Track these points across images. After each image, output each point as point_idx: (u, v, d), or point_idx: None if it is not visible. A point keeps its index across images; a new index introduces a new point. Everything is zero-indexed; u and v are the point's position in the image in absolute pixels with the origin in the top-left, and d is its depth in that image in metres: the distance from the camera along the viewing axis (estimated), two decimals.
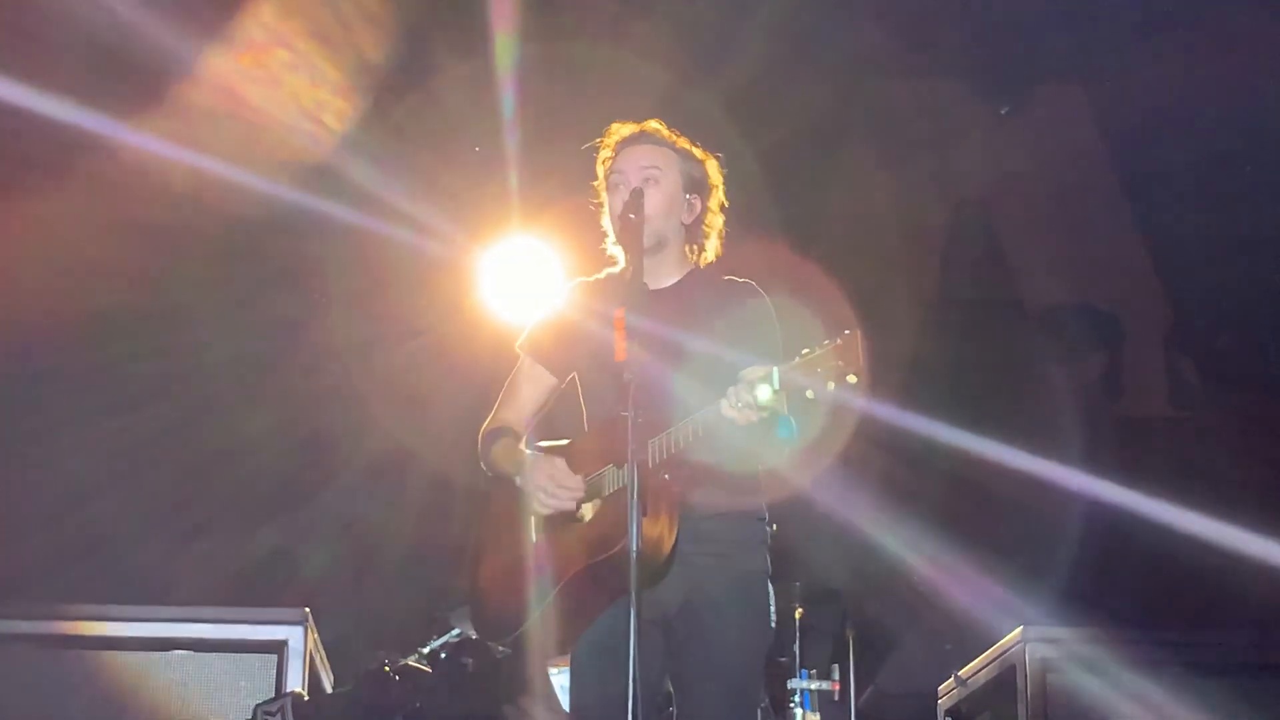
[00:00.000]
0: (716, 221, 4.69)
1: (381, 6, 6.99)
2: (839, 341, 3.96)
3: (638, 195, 4.44)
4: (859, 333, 3.96)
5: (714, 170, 4.68)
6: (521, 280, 7.67)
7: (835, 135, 7.71)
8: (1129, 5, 6.94)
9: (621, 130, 4.69)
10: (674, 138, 4.66)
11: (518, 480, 4.51)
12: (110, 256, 7.22)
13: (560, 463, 4.45)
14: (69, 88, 6.45)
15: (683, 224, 4.62)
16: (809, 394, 4.00)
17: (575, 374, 4.71)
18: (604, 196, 4.69)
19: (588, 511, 4.44)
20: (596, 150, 4.72)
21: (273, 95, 7.03)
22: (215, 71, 6.80)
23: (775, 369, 4.03)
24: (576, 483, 4.40)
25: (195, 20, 6.59)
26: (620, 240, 4.51)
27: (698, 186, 4.63)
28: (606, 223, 4.70)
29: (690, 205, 4.62)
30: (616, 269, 4.71)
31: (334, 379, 8.01)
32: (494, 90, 7.16)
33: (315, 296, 7.88)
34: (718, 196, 4.68)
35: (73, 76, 6.47)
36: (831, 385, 3.96)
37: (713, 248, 4.69)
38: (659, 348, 4.34)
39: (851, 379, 3.95)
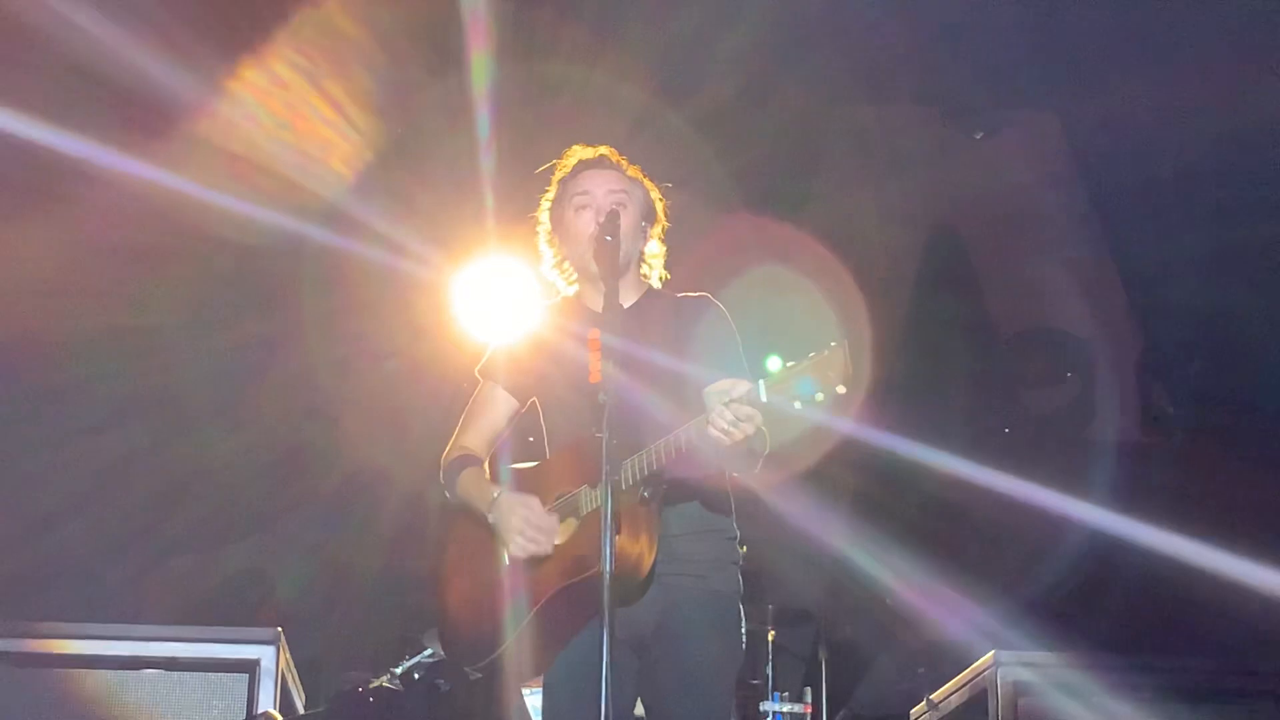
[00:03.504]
0: (661, 249, 4.73)
1: (360, 30, 6.99)
2: (825, 353, 3.97)
3: (614, 217, 4.48)
4: (846, 343, 3.96)
5: (659, 200, 4.73)
6: (496, 300, 7.65)
7: (810, 158, 7.75)
8: (1101, 33, 6.98)
9: (582, 153, 4.73)
10: (627, 166, 4.71)
11: (490, 518, 4.47)
12: (83, 277, 7.20)
13: (535, 503, 4.41)
14: (40, 109, 6.43)
15: (639, 249, 4.67)
16: (796, 405, 4.00)
17: (536, 397, 4.71)
18: (545, 218, 4.73)
19: (562, 534, 4.43)
20: (552, 170, 4.76)
21: (251, 121, 7.03)
22: (193, 97, 6.79)
23: (761, 381, 4.03)
24: (551, 524, 4.37)
25: (174, 45, 6.58)
26: (596, 261, 4.51)
27: (649, 215, 4.69)
28: (545, 246, 4.75)
29: (644, 231, 4.67)
30: (570, 291, 4.75)
31: (308, 399, 8.00)
32: (470, 111, 7.17)
33: (289, 317, 7.87)
34: (661, 225, 4.73)
35: (44, 97, 6.45)
36: (820, 396, 3.97)
37: (657, 274, 4.73)
38: (628, 367, 4.34)
39: (840, 389, 3.95)
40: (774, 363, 4.14)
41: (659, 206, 4.72)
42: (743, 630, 4.52)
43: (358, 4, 6.96)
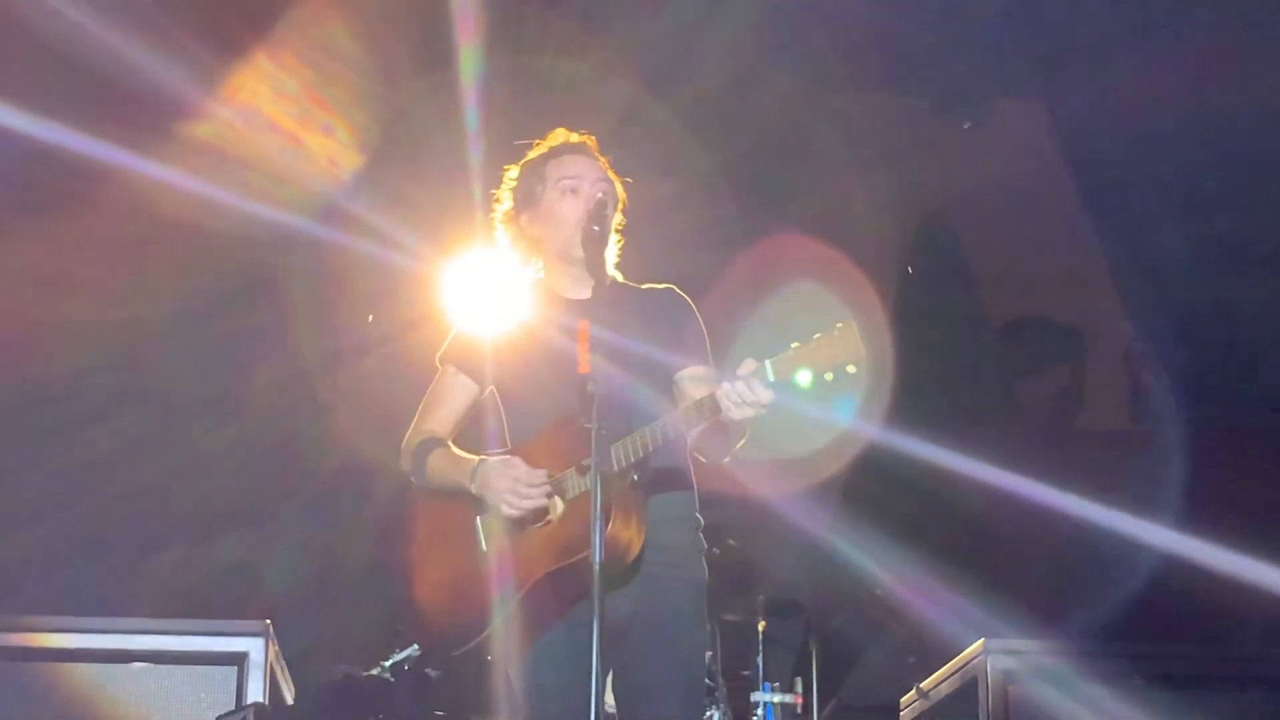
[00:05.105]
0: (617, 241, 4.72)
1: (348, 22, 6.98)
2: (834, 332, 3.97)
3: (603, 206, 4.48)
4: (854, 322, 3.96)
5: (623, 196, 4.73)
6: (485, 292, 7.63)
7: (798, 149, 7.75)
8: (1090, 22, 6.99)
9: (566, 136, 4.72)
10: (600, 158, 4.71)
11: (471, 487, 4.45)
12: (71, 269, 7.19)
13: (519, 462, 4.39)
14: (27, 102, 6.41)
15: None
16: (805, 384, 3.99)
17: (495, 384, 4.68)
18: (508, 196, 4.72)
19: (550, 512, 4.43)
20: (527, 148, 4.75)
21: (240, 115, 7.03)
22: (182, 91, 6.77)
23: (768, 362, 4.02)
24: (540, 478, 4.35)
25: (165, 40, 6.56)
26: (584, 249, 4.49)
27: (615, 206, 4.68)
28: (504, 225, 4.73)
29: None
30: (525, 275, 4.73)
31: (297, 392, 7.98)
32: (458, 103, 7.16)
33: (278, 309, 7.86)
34: (619, 217, 4.73)
35: (30, 90, 6.43)
36: (830, 376, 3.96)
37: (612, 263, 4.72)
38: (611, 354, 4.31)
39: (850, 369, 3.95)
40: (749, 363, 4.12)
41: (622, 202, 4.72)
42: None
43: None
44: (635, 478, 4.24)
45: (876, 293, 7.71)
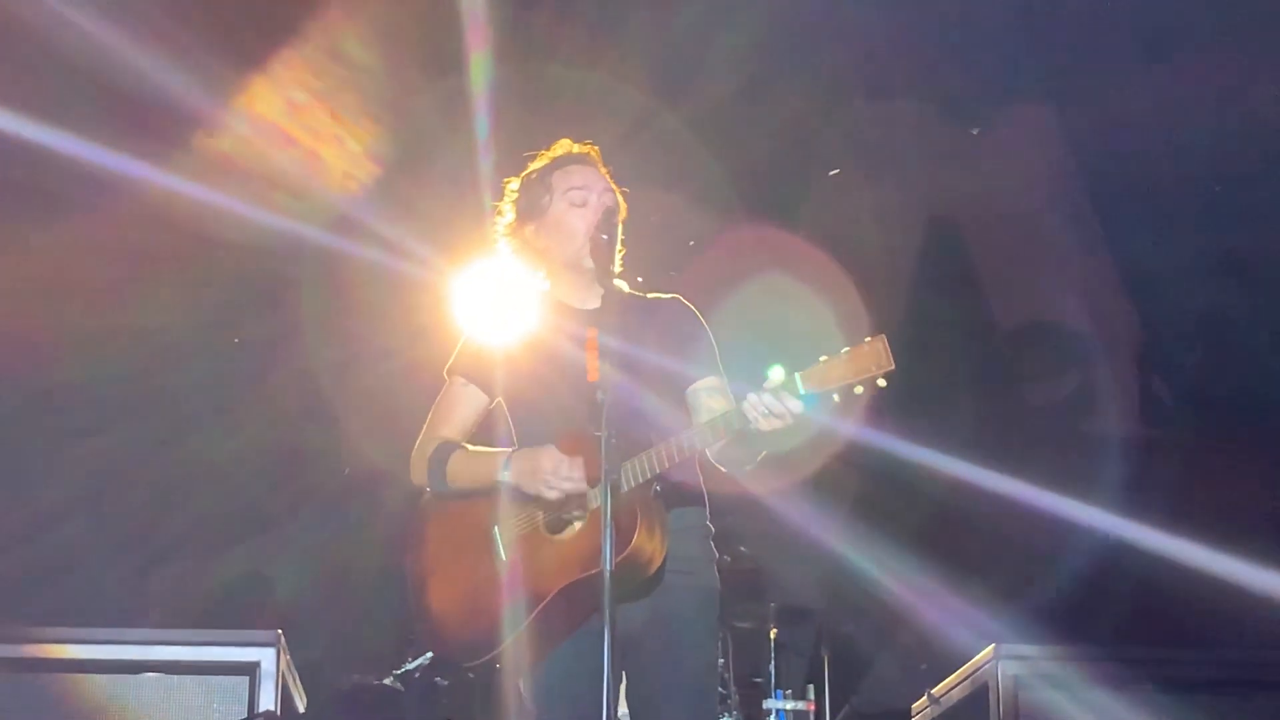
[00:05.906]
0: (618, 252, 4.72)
1: (359, 32, 7.00)
2: (864, 346, 3.99)
3: (611, 215, 4.50)
4: (883, 337, 3.98)
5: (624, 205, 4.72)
6: (495, 301, 7.62)
7: (808, 156, 7.75)
8: (1100, 27, 6.98)
9: (571, 147, 4.72)
10: (602, 168, 4.71)
11: (504, 475, 4.41)
12: (81, 277, 7.21)
13: (553, 449, 4.33)
14: (40, 111, 6.43)
15: None
16: (835, 398, 4.01)
17: (504, 395, 4.67)
18: (510, 208, 4.72)
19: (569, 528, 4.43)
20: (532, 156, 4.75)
21: (251, 125, 7.04)
22: (194, 102, 6.79)
23: (798, 374, 4.04)
24: (578, 462, 4.29)
25: (176, 50, 6.58)
26: (593, 258, 4.51)
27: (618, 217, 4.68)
28: (507, 236, 4.74)
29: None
30: (542, 288, 4.71)
31: (307, 400, 8.00)
32: (469, 112, 7.17)
33: (288, 318, 7.87)
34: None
35: (43, 99, 6.45)
36: (859, 390, 3.99)
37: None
38: (621, 365, 4.33)
39: (881, 382, 3.97)
40: (777, 372, 4.11)
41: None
42: None
43: (357, 6, 6.96)
44: (658, 488, 4.26)
45: (886, 299, 7.73)
